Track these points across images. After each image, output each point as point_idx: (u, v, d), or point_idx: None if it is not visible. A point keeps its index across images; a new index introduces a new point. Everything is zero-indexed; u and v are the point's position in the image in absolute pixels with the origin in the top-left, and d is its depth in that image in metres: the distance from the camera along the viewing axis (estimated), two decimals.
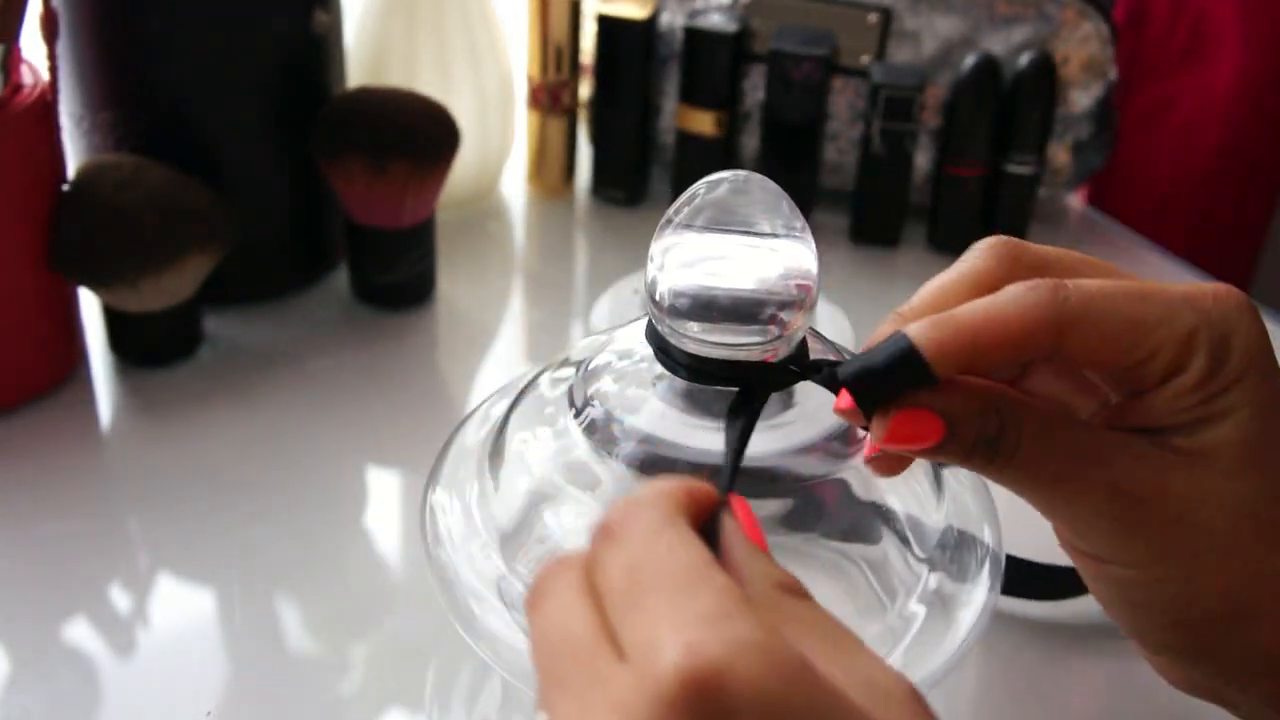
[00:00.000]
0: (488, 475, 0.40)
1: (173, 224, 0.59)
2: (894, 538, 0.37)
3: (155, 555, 0.53)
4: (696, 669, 0.23)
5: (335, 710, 0.46)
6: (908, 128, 0.75)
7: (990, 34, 0.77)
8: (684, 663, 0.23)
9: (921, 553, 0.38)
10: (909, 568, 0.37)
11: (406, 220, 0.67)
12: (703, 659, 0.23)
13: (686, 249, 0.35)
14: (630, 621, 0.25)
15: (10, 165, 0.56)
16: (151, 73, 0.63)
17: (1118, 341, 0.32)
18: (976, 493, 0.40)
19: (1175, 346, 0.32)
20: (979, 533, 0.39)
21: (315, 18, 0.65)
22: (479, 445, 0.41)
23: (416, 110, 0.66)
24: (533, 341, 0.72)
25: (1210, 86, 0.99)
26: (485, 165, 0.80)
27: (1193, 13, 0.99)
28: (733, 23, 0.77)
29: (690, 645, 0.23)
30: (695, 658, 0.23)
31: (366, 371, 0.65)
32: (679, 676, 0.23)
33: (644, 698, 0.23)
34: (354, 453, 0.59)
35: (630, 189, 0.82)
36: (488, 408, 0.43)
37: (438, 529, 0.39)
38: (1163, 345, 0.32)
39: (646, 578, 0.25)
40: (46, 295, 0.59)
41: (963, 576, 0.38)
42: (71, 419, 0.60)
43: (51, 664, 0.47)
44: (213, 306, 0.67)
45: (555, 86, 0.79)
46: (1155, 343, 0.32)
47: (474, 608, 0.37)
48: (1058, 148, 0.79)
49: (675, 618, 0.24)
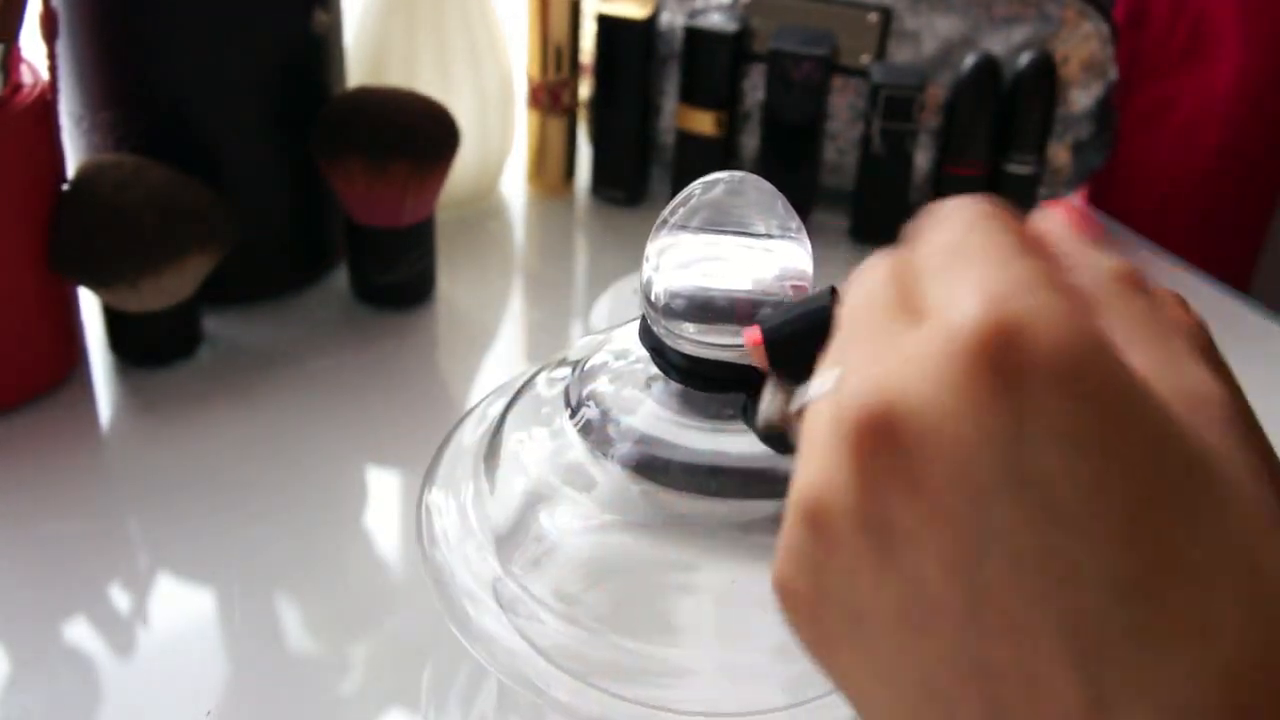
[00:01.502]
0: (483, 475, 0.40)
1: (173, 224, 0.59)
2: None
3: (155, 555, 0.53)
4: (995, 322, 0.22)
5: (335, 710, 0.46)
6: (908, 128, 0.75)
7: (990, 34, 0.77)
8: (983, 315, 0.22)
9: None
10: None
11: (406, 220, 0.67)
12: (1004, 314, 0.22)
13: (682, 250, 0.35)
14: (936, 286, 0.24)
15: (10, 165, 0.56)
16: (151, 73, 0.63)
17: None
18: None
19: None
20: None
21: (315, 18, 0.65)
22: (475, 445, 0.41)
23: (416, 110, 0.66)
24: (533, 341, 0.72)
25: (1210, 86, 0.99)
26: (485, 165, 0.80)
27: (1193, 13, 0.99)
28: (733, 22, 0.77)
29: (994, 299, 0.22)
30: (997, 312, 0.22)
31: (366, 371, 0.65)
32: (976, 327, 0.22)
33: (937, 347, 0.22)
34: (354, 453, 0.59)
35: (630, 189, 0.82)
36: (485, 406, 0.43)
37: (433, 529, 0.39)
38: None
39: (962, 252, 0.24)
40: (46, 295, 0.59)
41: None
42: (71, 419, 0.60)
43: (51, 664, 0.47)
44: (213, 306, 0.67)
45: (555, 86, 0.79)
46: None
47: (469, 609, 0.37)
48: (1058, 148, 0.79)
49: (984, 282, 0.23)
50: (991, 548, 0.22)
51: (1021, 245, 0.24)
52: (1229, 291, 0.76)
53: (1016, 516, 0.22)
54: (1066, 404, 0.21)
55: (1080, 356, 0.22)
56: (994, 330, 0.22)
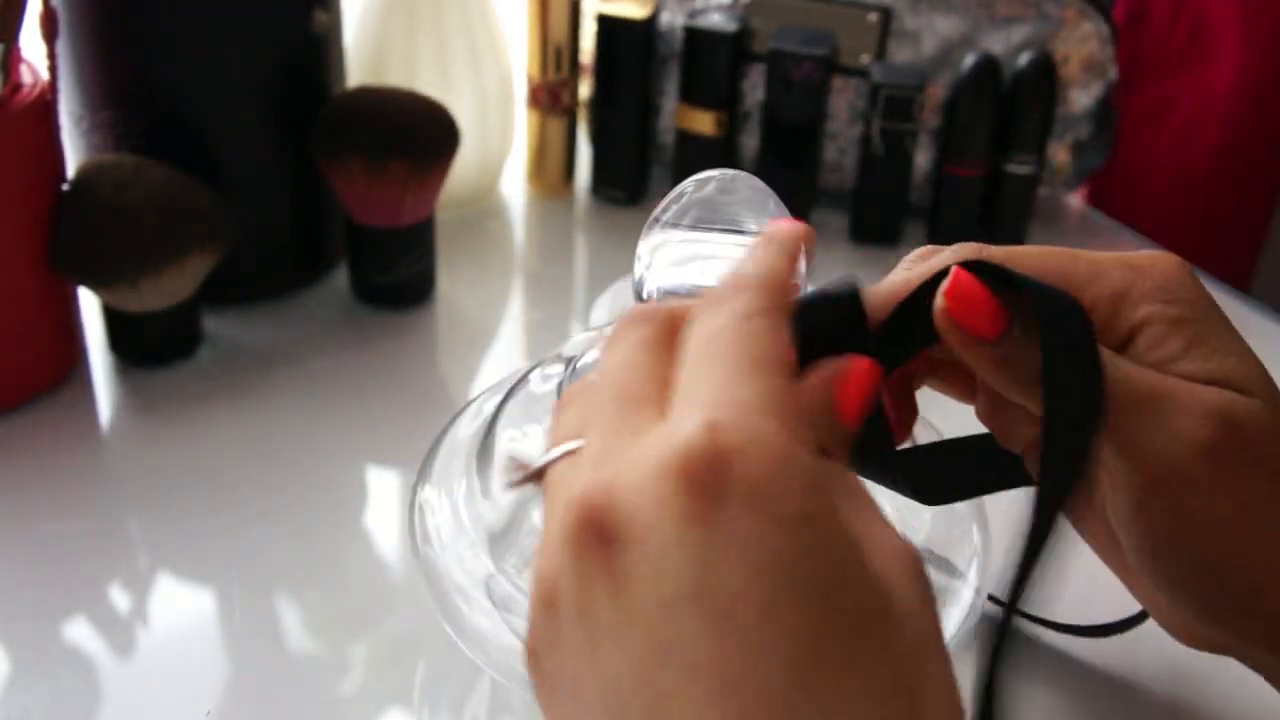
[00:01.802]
0: (476, 473, 0.40)
1: (173, 224, 0.59)
2: None
3: (155, 555, 0.53)
4: (706, 445, 0.24)
5: (335, 710, 0.46)
6: (908, 128, 0.75)
7: (990, 34, 0.77)
8: (698, 437, 0.24)
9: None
10: None
11: (406, 220, 0.67)
12: (717, 438, 0.24)
13: (674, 248, 0.35)
14: (682, 384, 0.26)
15: (10, 165, 0.56)
16: (151, 73, 0.63)
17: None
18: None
19: (1110, 300, 0.33)
20: (967, 533, 0.39)
21: (315, 18, 0.65)
22: (469, 442, 0.41)
23: (416, 110, 0.66)
24: (533, 341, 0.72)
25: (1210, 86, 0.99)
26: (485, 165, 0.80)
27: (1193, 13, 0.99)
28: (733, 22, 0.77)
29: (714, 424, 0.24)
30: (711, 435, 0.24)
31: (366, 371, 0.65)
32: (690, 448, 0.24)
33: (655, 460, 0.24)
34: (354, 453, 0.59)
35: (630, 189, 0.82)
36: (481, 403, 0.43)
37: (426, 527, 0.39)
38: (1096, 300, 0.33)
39: (717, 350, 0.26)
40: (46, 295, 0.59)
41: (950, 575, 0.38)
42: (71, 419, 0.60)
43: (51, 664, 0.47)
44: (213, 306, 0.67)
45: (555, 86, 0.79)
46: (1089, 297, 0.33)
47: (462, 607, 0.37)
48: (1058, 147, 0.79)
49: (713, 401, 0.25)
50: (674, 656, 0.23)
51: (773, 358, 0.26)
52: (1229, 291, 0.76)
53: (698, 627, 0.23)
54: (759, 528, 0.23)
55: (782, 486, 0.23)
56: (704, 453, 0.24)
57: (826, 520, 0.24)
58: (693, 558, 0.23)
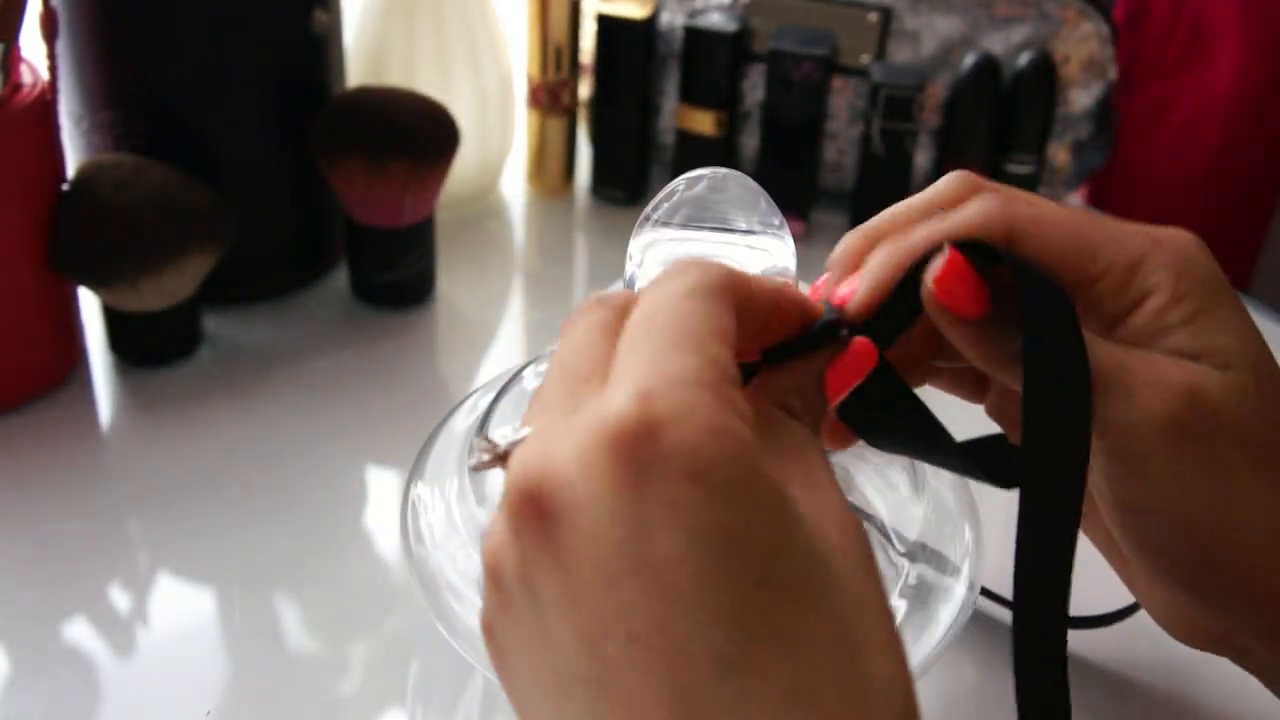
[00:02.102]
0: (469, 473, 0.40)
1: (173, 224, 0.59)
2: (874, 534, 0.38)
3: (155, 555, 0.53)
4: (637, 416, 0.24)
5: (334, 710, 0.46)
6: (908, 127, 0.75)
7: (990, 34, 0.77)
8: (629, 408, 0.24)
9: (901, 548, 0.38)
10: (890, 563, 0.37)
11: (406, 220, 0.67)
12: (648, 409, 0.24)
13: (665, 246, 0.35)
14: (621, 359, 0.26)
15: (10, 165, 0.56)
16: (151, 73, 0.63)
17: (1065, 251, 0.33)
18: (956, 490, 0.40)
19: (1125, 267, 0.33)
20: (959, 529, 0.39)
21: (315, 18, 0.65)
22: (462, 438, 0.41)
23: (416, 110, 0.66)
24: (533, 341, 0.72)
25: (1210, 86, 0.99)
26: (485, 165, 0.80)
27: (1192, 13, 0.99)
28: (733, 22, 0.77)
29: (643, 395, 0.24)
30: (642, 406, 0.24)
31: (366, 371, 0.65)
32: (621, 419, 0.24)
33: (589, 432, 0.24)
34: (354, 452, 0.59)
35: (630, 189, 0.82)
36: (476, 399, 0.43)
37: (419, 526, 0.39)
38: (1112, 264, 0.33)
39: (655, 325, 0.26)
40: (46, 295, 0.59)
41: (942, 571, 0.38)
42: (71, 419, 0.60)
43: (51, 664, 0.47)
44: (213, 306, 0.67)
45: (555, 86, 0.79)
46: (1105, 261, 0.33)
47: (454, 605, 0.37)
48: (1058, 147, 0.79)
49: (644, 373, 0.25)
50: (615, 625, 0.24)
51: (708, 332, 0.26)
52: None
53: (636, 596, 0.23)
54: (693, 496, 0.24)
55: (713, 454, 0.24)
56: (635, 424, 0.24)
57: (759, 484, 0.24)
58: (627, 528, 0.24)
